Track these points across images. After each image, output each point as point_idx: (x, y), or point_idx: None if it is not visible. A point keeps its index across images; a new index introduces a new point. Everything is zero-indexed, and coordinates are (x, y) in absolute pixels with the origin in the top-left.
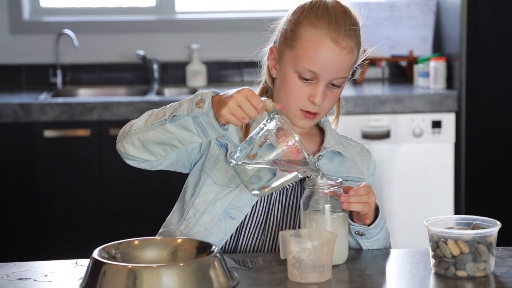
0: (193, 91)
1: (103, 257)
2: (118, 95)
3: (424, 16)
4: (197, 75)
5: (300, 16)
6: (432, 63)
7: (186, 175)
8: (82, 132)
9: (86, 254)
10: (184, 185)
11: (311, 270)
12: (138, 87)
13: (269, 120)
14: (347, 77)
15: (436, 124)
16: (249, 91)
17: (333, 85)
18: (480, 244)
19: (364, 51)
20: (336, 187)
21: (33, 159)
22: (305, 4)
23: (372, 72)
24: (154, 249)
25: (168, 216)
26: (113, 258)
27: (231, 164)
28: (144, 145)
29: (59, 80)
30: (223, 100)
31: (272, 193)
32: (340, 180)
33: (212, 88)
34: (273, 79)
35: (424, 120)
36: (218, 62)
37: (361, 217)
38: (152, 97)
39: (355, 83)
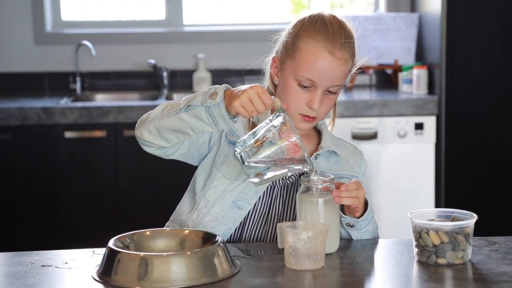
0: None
1: (117, 246)
2: (131, 100)
3: (408, 28)
4: (202, 81)
5: (300, 29)
6: (415, 71)
7: (194, 171)
8: (99, 133)
9: (102, 243)
10: (193, 177)
11: (306, 258)
12: (149, 92)
13: (275, 117)
14: (342, 84)
15: (419, 126)
16: (260, 88)
17: (330, 92)
18: (459, 234)
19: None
20: (328, 183)
21: (54, 158)
22: (304, 18)
23: (361, 79)
24: (163, 239)
25: (178, 205)
26: (127, 247)
27: (236, 153)
28: (160, 132)
29: (78, 86)
30: (235, 93)
31: (274, 188)
32: (332, 176)
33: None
34: (275, 86)
35: (408, 122)
36: (221, 70)
37: (351, 210)
38: (162, 101)
39: (346, 89)
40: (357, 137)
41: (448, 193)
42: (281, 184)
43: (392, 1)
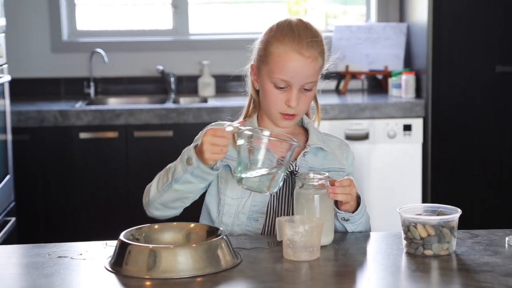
0: (204, 100)
1: (128, 239)
2: (141, 103)
3: (397, 37)
4: (207, 86)
5: (269, 36)
6: (404, 77)
7: None
8: (111, 134)
9: (114, 236)
10: (204, 205)
11: (303, 250)
12: (158, 96)
13: (238, 138)
14: (316, 81)
15: (407, 128)
16: (211, 129)
17: (305, 89)
18: (444, 228)
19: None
20: (324, 180)
21: (70, 157)
22: (273, 26)
23: (354, 84)
24: (171, 232)
25: None
26: (137, 240)
27: (238, 183)
28: (166, 206)
29: (92, 91)
30: (200, 149)
31: None
32: (326, 174)
33: (225, 103)
34: (257, 91)
35: (397, 124)
36: (224, 75)
37: (344, 205)
38: (169, 105)
39: (340, 93)
40: (350, 137)
41: (434, 189)
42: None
43: (382, 11)
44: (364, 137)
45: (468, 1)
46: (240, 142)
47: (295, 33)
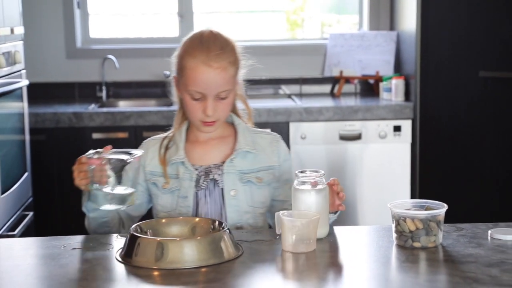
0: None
1: (137, 232)
2: (150, 106)
3: (388, 44)
4: None
5: (182, 50)
6: (394, 81)
7: None
8: (122, 135)
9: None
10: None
11: (300, 242)
12: (165, 99)
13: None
14: (230, 88)
15: (397, 129)
16: (78, 159)
17: (221, 98)
18: (431, 221)
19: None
20: (319, 178)
21: None
22: (187, 39)
23: (347, 88)
24: (177, 226)
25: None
26: (145, 233)
27: (103, 207)
28: (99, 230)
29: (104, 94)
30: None
31: (197, 193)
32: (322, 172)
33: None
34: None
35: (388, 125)
36: None
37: (335, 206)
38: (175, 107)
39: (334, 96)
40: (344, 138)
41: (422, 186)
42: (203, 188)
43: (374, 21)
44: (357, 137)
45: (453, 11)
46: (92, 167)
47: (204, 46)
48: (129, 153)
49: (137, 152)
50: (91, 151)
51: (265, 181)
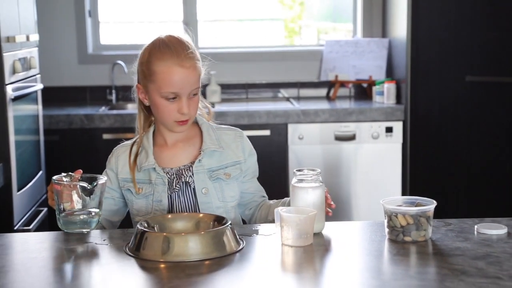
0: (211, 105)
1: (145, 227)
2: None
3: (380, 50)
4: (214, 93)
5: (149, 57)
6: (386, 85)
7: None
8: (130, 135)
9: (128, 221)
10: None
11: (298, 237)
12: None
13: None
14: (199, 86)
15: (389, 130)
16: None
17: (193, 95)
18: (421, 217)
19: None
20: (316, 176)
21: (94, 156)
22: (149, 47)
23: (342, 91)
24: (182, 221)
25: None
26: (152, 228)
27: (67, 230)
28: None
29: (113, 97)
30: None
31: (172, 194)
32: (319, 170)
33: (230, 108)
34: (146, 107)
35: (380, 126)
36: (229, 84)
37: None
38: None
39: (330, 99)
40: (339, 138)
41: (413, 183)
42: (176, 191)
43: (367, 28)
44: (351, 138)
45: (441, 20)
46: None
47: (172, 49)
48: (96, 179)
49: (102, 178)
50: (63, 174)
51: (233, 176)
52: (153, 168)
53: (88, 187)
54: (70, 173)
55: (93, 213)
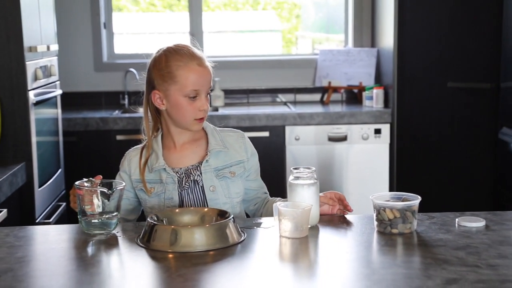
0: (215, 109)
1: (154, 221)
2: None
3: (369, 59)
4: (218, 98)
5: (167, 63)
6: (375, 91)
7: None
8: (141, 136)
9: (143, 218)
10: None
11: (294, 229)
12: None
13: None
14: (211, 86)
15: (377, 131)
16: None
17: (207, 94)
18: (407, 211)
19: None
20: (311, 174)
21: (108, 155)
22: (161, 56)
23: (335, 96)
24: (189, 215)
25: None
26: (162, 221)
27: (88, 231)
28: None
29: (126, 102)
30: None
31: (183, 190)
32: (313, 168)
33: (232, 112)
34: (158, 113)
35: (369, 128)
36: (231, 89)
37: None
38: None
39: (323, 103)
40: (332, 139)
41: (399, 180)
42: (186, 188)
43: (358, 39)
44: (343, 139)
45: (425, 31)
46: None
47: (188, 53)
48: (114, 184)
49: (121, 184)
50: (84, 179)
51: (237, 174)
52: (163, 169)
53: (108, 192)
54: (91, 178)
55: (112, 216)
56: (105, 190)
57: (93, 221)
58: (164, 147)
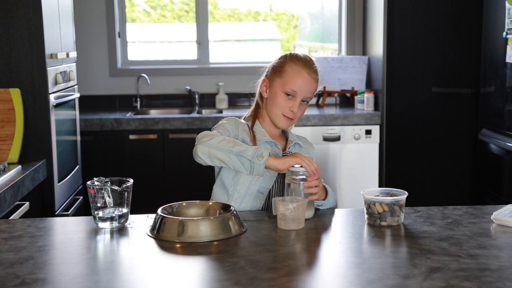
0: (220, 111)
1: (164, 213)
2: (174, 114)
3: (361, 66)
4: (222, 101)
5: (286, 59)
6: (366, 95)
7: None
8: (152, 136)
9: (153, 211)
10: (219, 175)
11: (291, 222)
12: (186, 108)
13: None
14: (311, 98)
15: (368, 132)
16: (300, 156)
17: (303, 101)
18: (395, 205)
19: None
20: (306, 172)
21: (122, 153)
22: (286, 55)
23: (329, 100)
24: (195, 208)
25: (212, 195)
26: (170, 213)
27: (100, 225)
28: (210, 156)
29: (138, 104)
30: (282, 159)
31: (272, 178)
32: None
33: (235, 114)
34: (262, 99)
35: (361, 129)
36: (235, 93)
37: (314, 196)
38: (194, 115)
39: (319, 106)
40: (326, 139)
41: (388, 177)
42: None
43: (350, 47)
44: (337, 139)
45: (411, 40)
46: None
47: (306, 61)
48: (124, 181)
49: (129, 181)
50: (94, 179)
51: None
52: (268, 142)
53: (118, 189)
54: (101, 177)
55: (122, 211)
56: (115, 187)
57: (105, 217)
58: (257, 133)
